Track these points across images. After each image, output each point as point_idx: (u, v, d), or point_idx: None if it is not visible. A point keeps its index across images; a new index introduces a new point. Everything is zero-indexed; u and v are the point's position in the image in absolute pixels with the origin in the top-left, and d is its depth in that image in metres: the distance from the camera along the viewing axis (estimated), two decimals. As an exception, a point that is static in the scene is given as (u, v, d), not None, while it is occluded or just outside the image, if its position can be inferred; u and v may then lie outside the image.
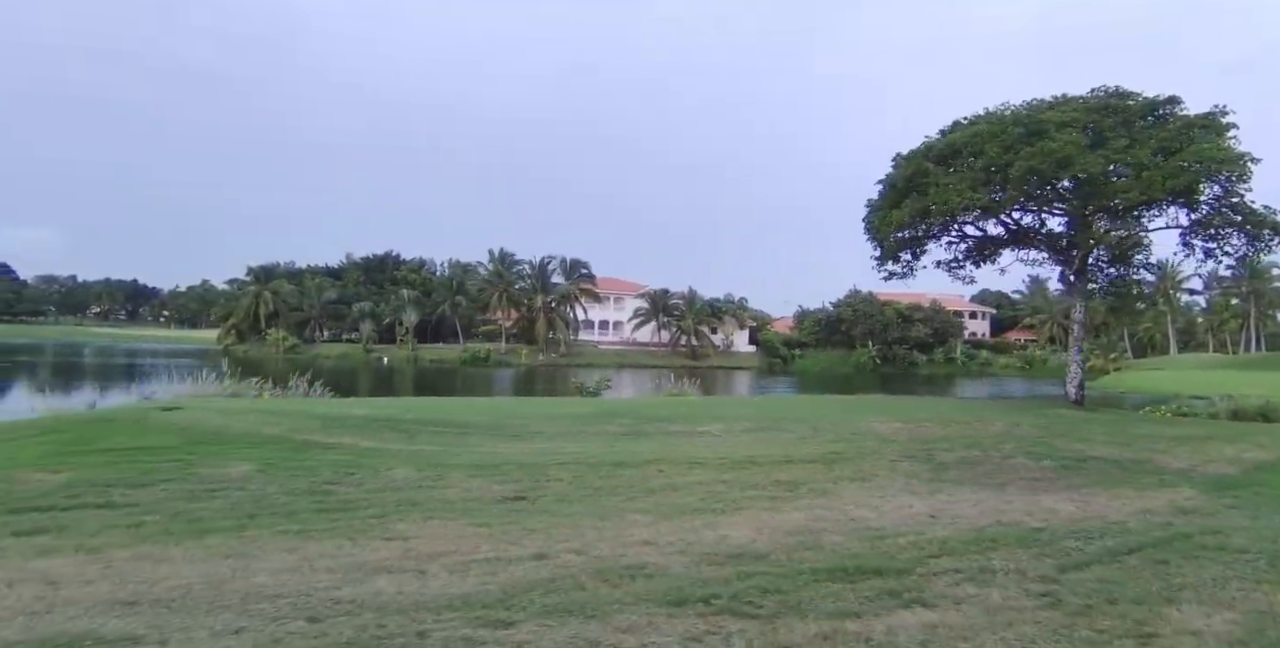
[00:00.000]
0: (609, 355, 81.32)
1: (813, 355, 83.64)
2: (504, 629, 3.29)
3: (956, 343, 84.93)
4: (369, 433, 8.35)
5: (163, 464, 6.32)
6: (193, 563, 4.02)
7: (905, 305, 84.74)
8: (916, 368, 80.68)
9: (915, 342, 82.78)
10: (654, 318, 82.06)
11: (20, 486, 5.65)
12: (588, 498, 5.96)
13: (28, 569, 3.88)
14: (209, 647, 2.99)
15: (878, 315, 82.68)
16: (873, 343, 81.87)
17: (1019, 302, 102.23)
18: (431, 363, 74.85)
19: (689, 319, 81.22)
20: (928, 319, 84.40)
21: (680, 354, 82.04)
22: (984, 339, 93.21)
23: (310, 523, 4.91)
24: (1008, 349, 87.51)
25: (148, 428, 7.55)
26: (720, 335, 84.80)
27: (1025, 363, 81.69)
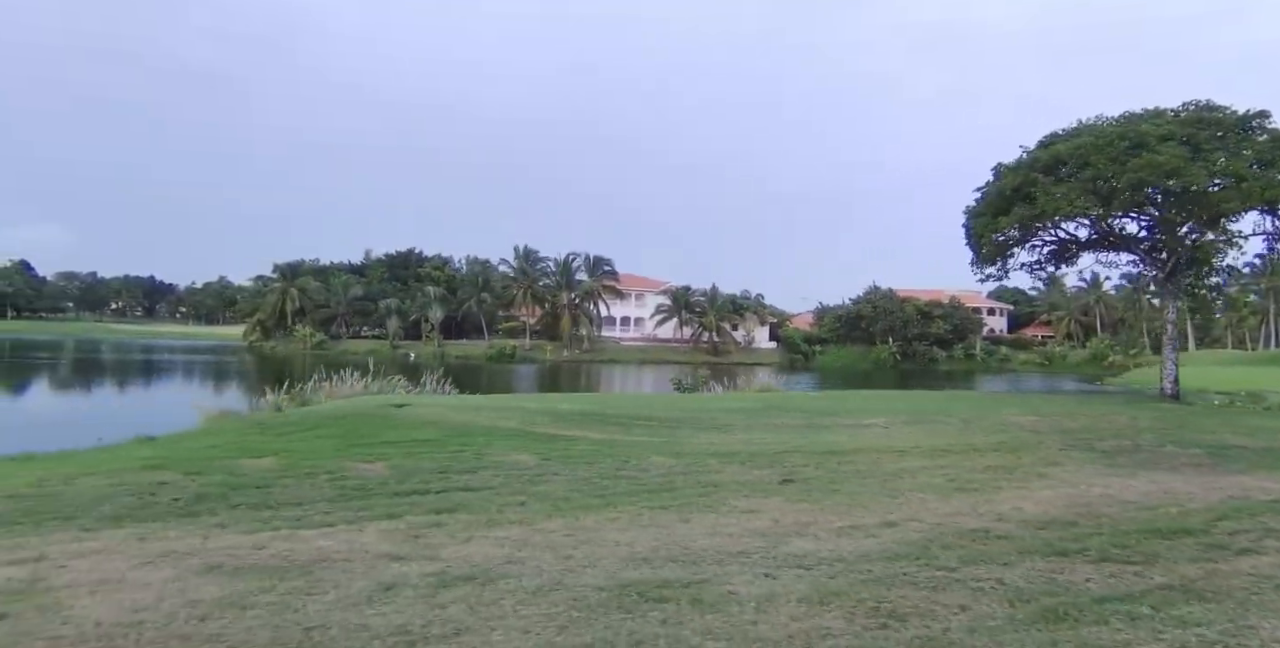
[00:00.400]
0: (632, 352, 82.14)
1: (833, 352, 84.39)
2: (951, 572, 4.04)
3: (976, 339, 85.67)
4: (589, 427, 9.07)
5: (459, 454, 7.02)
6: (636, 530, 4.76)
7: (925, 302, 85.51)
8: (936, 364, 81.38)
9: (935, 338, 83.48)
10: (676, 314, 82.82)
11: (367, 474, 6.38)
12: (852, 479, 6.69)
13: (499, 538, 4.61)
14: (761, 585, 3.74)
15: (898, 312, 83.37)
16: (893, 339, 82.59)
17: (1036, 298, 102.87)
18: (458, 359, 75.66)
19: (711, 316, 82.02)
20: (947, 316, 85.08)
21: (701, 350, 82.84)
22: (1002, 335, 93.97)
23: (660, 501, 5.62)
24: (1026, 346, 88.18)
25: (400, 423, 8.25)
26: (741, 332, 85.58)
27: (1045, 359, 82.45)
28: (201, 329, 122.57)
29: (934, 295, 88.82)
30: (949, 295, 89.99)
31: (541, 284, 79.16)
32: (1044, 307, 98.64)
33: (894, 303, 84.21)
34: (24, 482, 6.29)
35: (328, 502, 5.39)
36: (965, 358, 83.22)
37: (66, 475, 6.36)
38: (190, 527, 4.77)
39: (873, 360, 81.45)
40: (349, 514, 5.06)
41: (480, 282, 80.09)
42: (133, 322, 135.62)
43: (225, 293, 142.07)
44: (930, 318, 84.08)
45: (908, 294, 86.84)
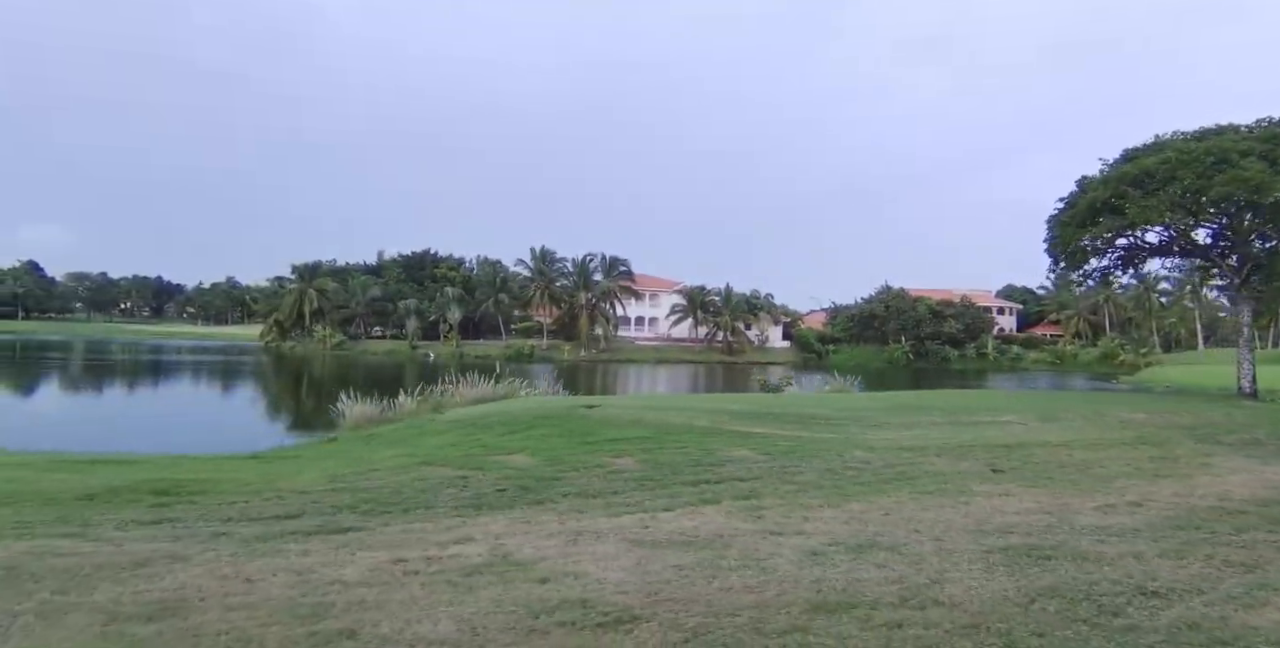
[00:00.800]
0: (647, 351, 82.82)
1: (846, 351, 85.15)
2: (1236, 535, 4.73)
3: (988, 338, 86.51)
4: (770, 424, 9.69)
5: (686, 450, 7.65)
6: (936, 509, 5.44)
7: (936, 301, 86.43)
8: (949, 363, 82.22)
9: (947, 337, 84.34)
10: (691, 314, 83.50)
11: (628, 467, 7.03)
12: (1053, 469, 7.36)
13: (832, 516, 5.29)
14: (1114, 545, 4.43)
15: (910, 311, 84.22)
16: (905, 338, 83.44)
17: (1044, 297, 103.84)
18: (477, 359, 76.30)
19: (726, 315, 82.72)
20: (959, 315, 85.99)
21: (716, 350, 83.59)
22: (1013, 334, 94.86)
23: (916, 487, 6.29)
24: (1037, 344, 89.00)
25: (609, 423, 8.89)
26: (755, 331, 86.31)
27: (1056, 358, 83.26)
28: (212, 329, 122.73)
29: (944, 295, 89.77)
30: (958, 295, 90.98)
31: (559, 285, 79.76)
32: (1053, 306, 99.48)
33: (907, 302, 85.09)
34: (309, 479, 6.93)
35: (632, 491, 6.03)
36: (977, 357, 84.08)
37: (353, 473, 7.01)
38: (545, 512, 5.42)
39: (886, 359, 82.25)
40: (666, 501, 5.70)
41: (498, 282, 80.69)
42: (140, 322, 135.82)
43: (233, 293, 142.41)
44: (942, 317, 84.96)
45: (919, 293, 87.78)
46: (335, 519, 5.37)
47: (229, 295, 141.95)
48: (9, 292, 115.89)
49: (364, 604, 3.49)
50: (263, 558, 4.36)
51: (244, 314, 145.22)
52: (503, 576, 3.92)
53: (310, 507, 5.76)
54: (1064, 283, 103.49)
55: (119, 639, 3.09)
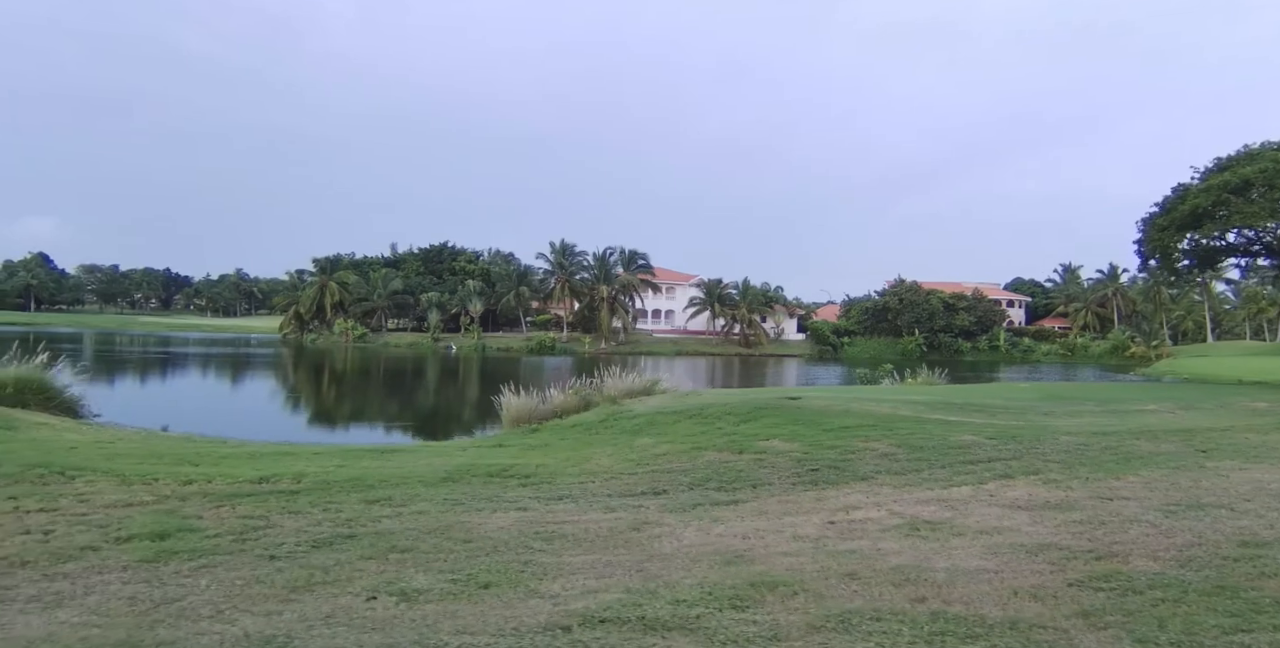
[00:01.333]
0: (665, 344, 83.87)
1: (861, 343, 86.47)
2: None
3: (999, 331, 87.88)
4: (955, 412, 10.63)
5: (916, 434, 8.63)
6: (1204, 480, 6.53)
7: (949, 294, 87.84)
8: (962, 355, 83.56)
9: (960, 330, 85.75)
10: (709, 307, 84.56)
11: (888, 450, 8.05)
12: (1248, 450, 8.43)
13: (1136, 486, 6.35)
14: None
15: (924, 304, 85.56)
16: (919, 331, 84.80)
17: (1051, 290, 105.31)
18: (499, 351, 77.19)
19: (743, 308, 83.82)
20: (971, 308, 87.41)
21: (732, 342, 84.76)
22: (1023, 327, 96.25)
23: (1155, 463, 7.34)
24: (1047, 337, 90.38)
25: (823, 413, 9.83)
26: (770, 324, 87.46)
27: (1067, 350, 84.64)
28: (222, 321, 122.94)
29: (953, 288, 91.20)
30: (967, 287, 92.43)
31: (578, 278, 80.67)
32: (1060, 299, 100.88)
33: (920, 295, 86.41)
34: (606, 464, 7.93)
35: (927, 468, 7.06)
36: (989, 349, 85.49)
37: (641, 459, 8.04)
38: (878, 486, 6.46)
39: (900, 352, 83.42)
40: (968, 477, 6.74)
41: (519, 275, 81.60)
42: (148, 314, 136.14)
43: (242, 286, 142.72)
44: (955, 310, 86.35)
45: (931, 286, 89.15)
46: (705, 494, 6.38)
47: (237, 287, 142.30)
48: (21, 283, 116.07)
49: (882, 552, 4.50)
50: (716, 523, 5.36)
51: (252, 306, 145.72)
52: (951, 530, 4.95)
53: (665, 484, 6.77)
54: (1071, 276, 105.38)
55: (737, 577, 4.04)
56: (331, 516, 5.61)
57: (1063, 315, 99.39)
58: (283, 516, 5.57)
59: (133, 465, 7.67)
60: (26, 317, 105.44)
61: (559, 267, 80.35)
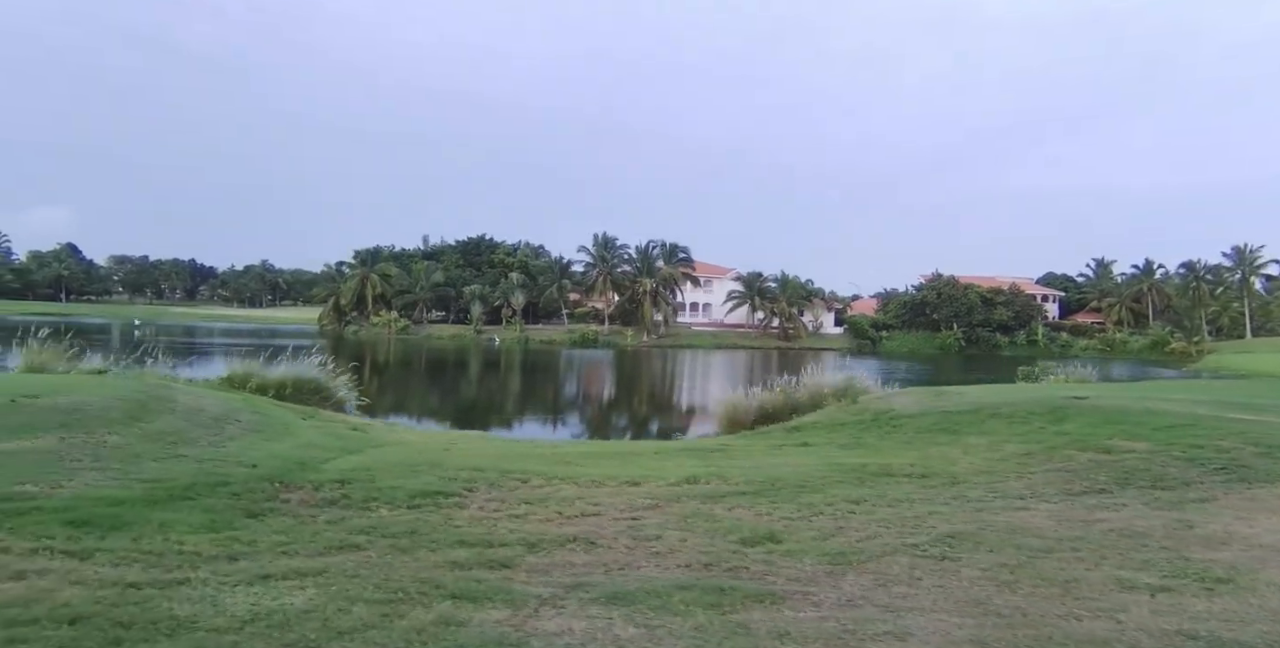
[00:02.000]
0: (704, 337, 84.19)
1: (899, 337, 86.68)
2: None
3: (1037, 326, 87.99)
4: (1234, 410, 10.94)
5: (1254, 436, 8.85)
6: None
7: (986, 289, 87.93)
8: (1000, 350, 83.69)
9: (997, 324, 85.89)
10: (749, 300, 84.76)
11: (1246, 451, 8.32)
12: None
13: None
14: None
15: (962, 298, 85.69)
16: (957, 325, 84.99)
17: (1084, 285, 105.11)
18: (542, 343, 77.58)
19: (783, 301, 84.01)
20: (1008, 302, 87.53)
21: (770, 335, 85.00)
22: (1061, 322, 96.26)
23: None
24: (1085, 332, 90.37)
25: (1131, 413, 9.88)
26: (808, 317, 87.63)
27: (1106, 345, 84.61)
28: (252, 312, 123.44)
29: (987, 282, 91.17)
30: (1002, 282, 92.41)
31: (620, 271, 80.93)
32: (1094, 293, 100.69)
33: (958, 290, 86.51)
34: (993, 463, 8.17)
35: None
36: (1027, 344, 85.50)
37: (1004, 457, 8.30)
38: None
39: (938, 346, 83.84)
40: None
41: (561, 268, 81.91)
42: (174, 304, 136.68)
43: (267, 277, 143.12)
44: (993, 305, 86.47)
45: (968, 281, 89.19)
46: (1149, 492, 6.65)
47: (262, 279, 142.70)
48: (53, 274, 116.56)
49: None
50: (1240, 522, 5.63)
51: (276, 297, 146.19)
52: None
53: (1087, 483, 7.04)
54: (1104, 271, 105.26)
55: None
56: (878, 516, 5.87)
57: (1096, 310, 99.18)
58: (844, 516, 5.83)
59: (540, 466, 7.93)
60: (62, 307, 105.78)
61: (601, 260, 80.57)
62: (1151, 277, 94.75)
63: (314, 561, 4.21)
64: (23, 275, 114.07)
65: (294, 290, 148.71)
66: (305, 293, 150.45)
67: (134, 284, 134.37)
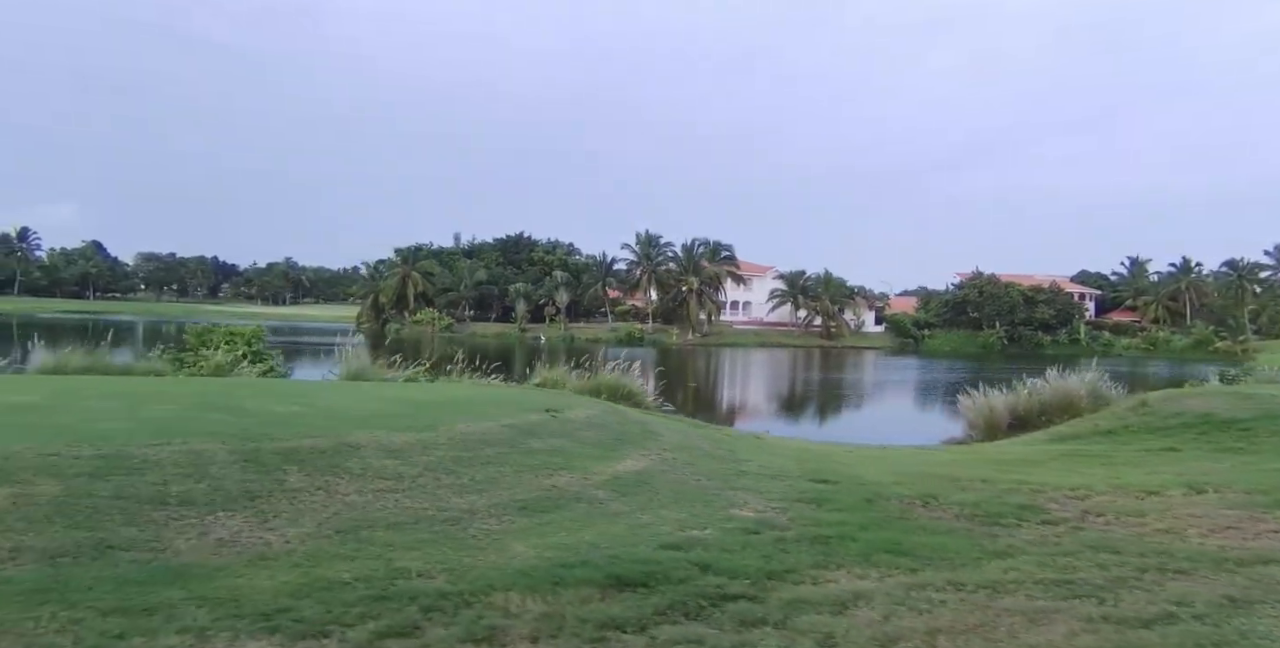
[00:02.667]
0: (747, 335, 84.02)
1: (941, 336, 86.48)
2: None
3: (1079, 324, 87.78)
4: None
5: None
6: None
7: (1027, 287, 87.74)
8: (1043, 349, 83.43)
9: (1039, 323, 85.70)
10: (791, 299, 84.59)
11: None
12: None
13: None
14: None
15: (1004, 297, 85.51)
16: (999, 324, 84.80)
17: (1117, 283, 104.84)
18: (588, 341, 77.32)
19: (825, 300, 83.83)
20: (1050, 301, 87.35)
21: (812, 334, 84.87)
22: (1103, 320, 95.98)
23: None
24: (1128, 330, 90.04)
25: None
26: (849, 315, 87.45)
27: (1149, 344, 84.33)
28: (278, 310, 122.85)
29: (1024, 279, 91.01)
30: (1040, 280, 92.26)
31: (664, 269, 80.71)
32: (1128, 292, 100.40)
33: (999, 288, 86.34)
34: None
35: None
36: (1070, 343, 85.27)
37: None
38: None
39: (980, 345, 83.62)
40: None
41: (605, 266, 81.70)
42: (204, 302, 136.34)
43: (291, 274, 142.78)
44: (1034, 303, 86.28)
45: (1008, 279, 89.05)
46: None
47: (286, 276, 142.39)
48: (80, 271, 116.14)
49: None
50: None
51: (298, 294, 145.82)
52: None
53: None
54: (1138, 269, 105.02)
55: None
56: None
57: (1131, 309, 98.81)
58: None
59: (1001, 474, 7.67)
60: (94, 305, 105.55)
61: (645, 258, 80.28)
62: (1189, 275, 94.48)
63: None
64: (50, 273, 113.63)
65: (316, 288, 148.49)
66: (327, 291, 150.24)
67: (158, 282, 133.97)
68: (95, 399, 7.26)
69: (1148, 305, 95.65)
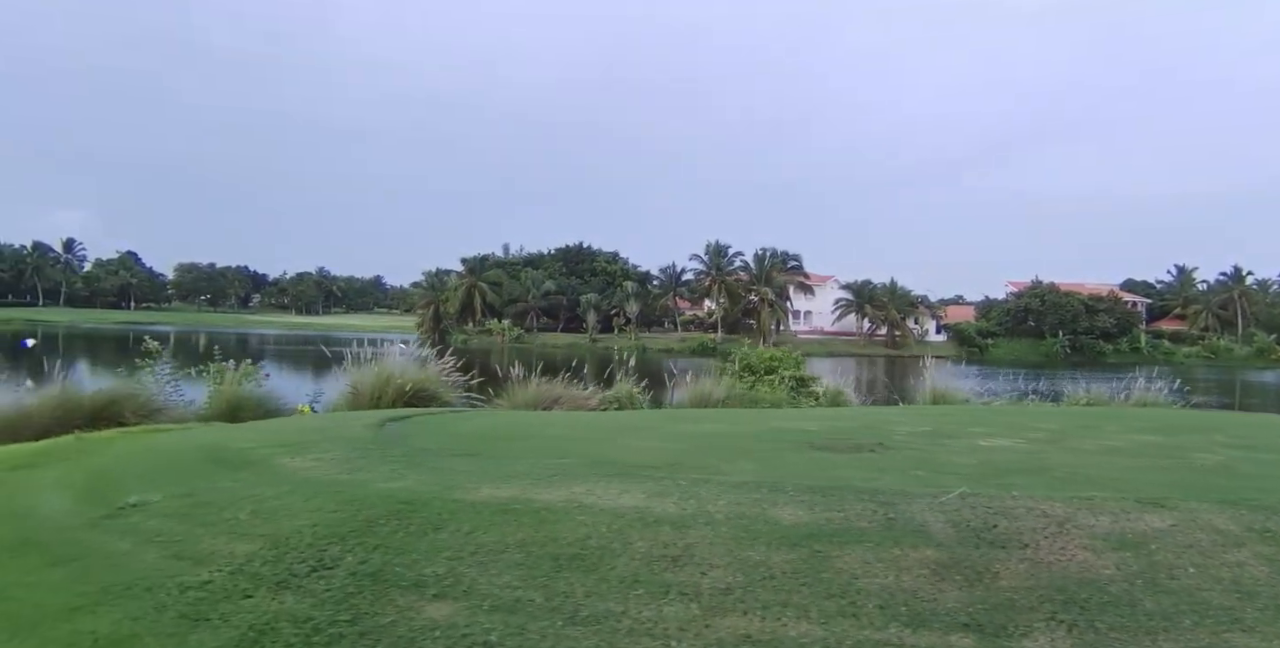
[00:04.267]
0: (813, 345, 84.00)
1: (1004, 344, 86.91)
2: None
3: (1140, 333, 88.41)
4: None
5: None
6: None
7: (1086, 296, 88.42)
8: (1104, 357, 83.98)
9: (1100, 331, 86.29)
10: (856, 308, 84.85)
11: None
12: None
13: None
14: None
15: (1065, 306, 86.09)
16: (1062, 332, 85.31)
17: (1163, 291, 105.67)
18: (660, 351, 77.24)
19: (891, 309, 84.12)
20: (1109, 309, 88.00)
21: (876, 343, 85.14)
22: (1162, 328, 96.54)
23: None
24: (1187, 339, 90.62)
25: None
26: (913, 324, 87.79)
27: (1210, 352, 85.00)
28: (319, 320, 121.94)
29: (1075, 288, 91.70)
30: (1095, 288, 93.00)
31: (733, 279, 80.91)
32: (1177, 301, 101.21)
33: (1060, 297, 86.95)
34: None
35: None
36: (1131, 351, 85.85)
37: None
38: None
39: (1043, 353, 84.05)
40: None
41: (675, 276, 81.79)
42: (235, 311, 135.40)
43: (323, 284, 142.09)
44: (1095, 312, 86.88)
45: (1068, 288, 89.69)
46: None
47: (319, 286, 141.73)
48: (121, 282, 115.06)
49: None
50: None
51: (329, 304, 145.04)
52: None
53: None
54: (1185, 278, 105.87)
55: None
56: None
57: (1180, 317, 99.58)
58: None
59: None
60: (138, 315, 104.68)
61: (715, 268, 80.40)
62: (1242, 283, 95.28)
63: None
64: (90, 283, 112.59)
65: (347, 297, 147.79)
66: (357, 300, 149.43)
67: (192, 292, 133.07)
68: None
69: (1197, 314, 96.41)
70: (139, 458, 5.80)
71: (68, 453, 6.37)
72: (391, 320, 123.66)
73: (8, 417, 7.94)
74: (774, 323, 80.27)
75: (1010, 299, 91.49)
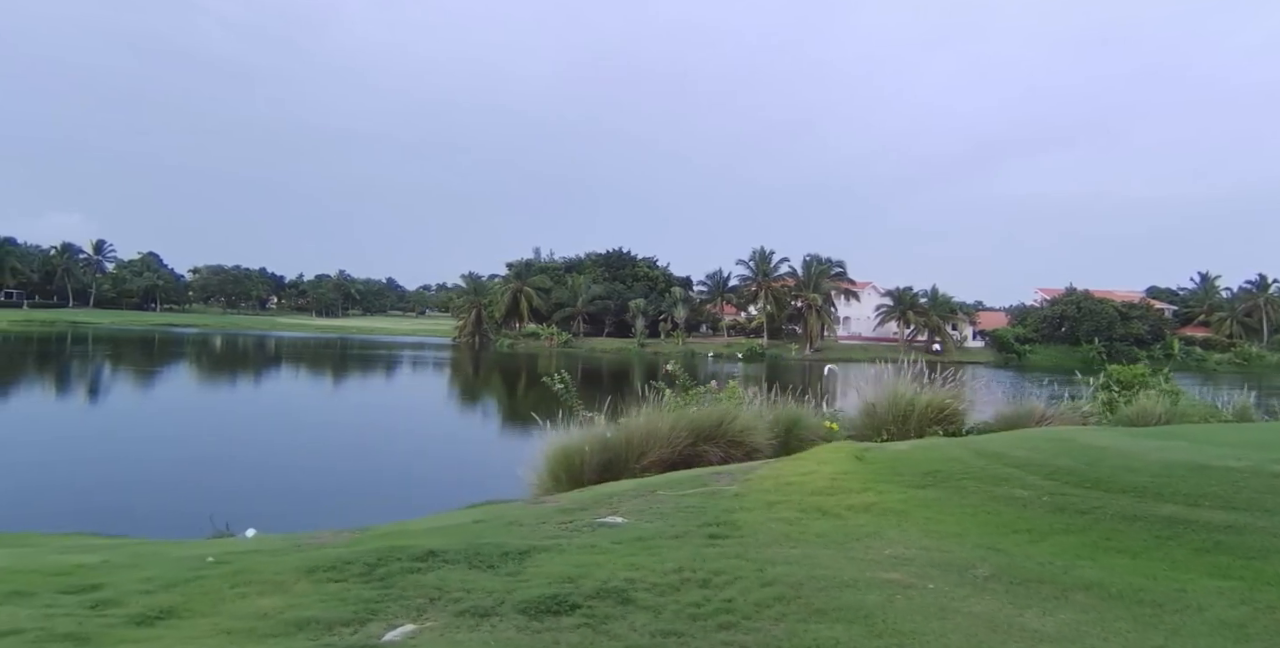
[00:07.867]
0: (855, 350, 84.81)
1: (1041, 351, 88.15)
2: None
3: (1173, 339, 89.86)
4: None
5: None
6: None
7: (1120, 303, 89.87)
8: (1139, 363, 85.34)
9: (1134, 338, 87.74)
10: (901, 314, 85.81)
11: None
12: None
13: None
14: None
15: (1101, 313, 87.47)
16: (1098, 339, 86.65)
17: (1187, 298, 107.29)
18: (711, 357, 77.74)
19: (933, 315, 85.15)
20: (1143, 316, 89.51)
21: (917, 349, 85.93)
22: (1193, 335, 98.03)
23: None
24: (1218, 345, 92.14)
25: None
26: (953, 331, 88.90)
27: (1242, 359, 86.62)
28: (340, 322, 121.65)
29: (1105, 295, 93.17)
30: (1125, 295, 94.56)
31: (779, 285, 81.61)
32: (1200, 307, 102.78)
33: (1095, 304, 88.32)
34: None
35: None
36: (1164, 358, 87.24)
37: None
38: None
39: (1080, 359, 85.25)
40: None
41: (722, 283, 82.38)
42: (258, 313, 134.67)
43: (343, 286, 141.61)
44: (1129, 318, 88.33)
45: (1101, 295, 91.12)
46: None
47: (338, 288, 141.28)
48: (146, 284, 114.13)
49: None
50: None
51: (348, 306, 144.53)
52: None
53: None
54: (1209, 285, 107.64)
55: None
56: None
57: (1204, 324, 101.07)
58: None
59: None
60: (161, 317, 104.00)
61: (761, 274, 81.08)
62: (1267, 291, 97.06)
63: None
64: (117, 284, 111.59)
65: (365, 299, 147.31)
66: (375, 302, 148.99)
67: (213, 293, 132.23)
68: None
69: (1222, 321, 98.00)
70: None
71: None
72: (412, 324, 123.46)
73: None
74: (820, 328, 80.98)
75: (1044, 305, 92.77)
